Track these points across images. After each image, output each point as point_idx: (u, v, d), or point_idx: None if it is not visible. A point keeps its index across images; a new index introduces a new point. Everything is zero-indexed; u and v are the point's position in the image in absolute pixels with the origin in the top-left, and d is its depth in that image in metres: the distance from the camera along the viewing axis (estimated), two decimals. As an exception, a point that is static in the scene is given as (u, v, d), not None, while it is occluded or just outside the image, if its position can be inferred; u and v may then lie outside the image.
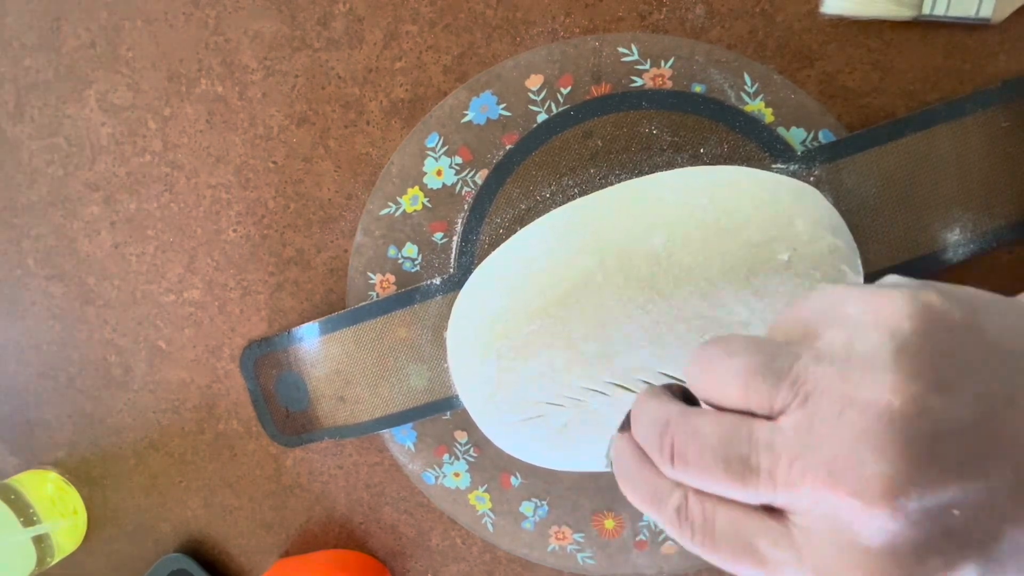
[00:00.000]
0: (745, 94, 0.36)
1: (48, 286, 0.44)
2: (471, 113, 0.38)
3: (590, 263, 0.34)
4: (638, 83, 0.37)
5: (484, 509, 0.42)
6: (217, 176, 0.42)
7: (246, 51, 0.40)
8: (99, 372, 0.45)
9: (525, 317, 0.35)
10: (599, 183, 0.38)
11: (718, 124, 0.37)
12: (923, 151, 0.35)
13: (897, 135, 0.35)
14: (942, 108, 0.35)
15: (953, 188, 0.35)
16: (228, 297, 0.43)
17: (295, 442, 0.43)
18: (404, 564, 0.45)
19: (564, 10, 0.38)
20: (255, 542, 0.46)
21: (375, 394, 0.40)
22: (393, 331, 0.40)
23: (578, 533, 0.41)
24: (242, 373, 0.43)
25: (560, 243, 0.35)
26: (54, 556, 0.45)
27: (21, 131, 0.43)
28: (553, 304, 0.34)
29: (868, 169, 0.36)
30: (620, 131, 0.37)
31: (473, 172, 0.38)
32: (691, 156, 0.37)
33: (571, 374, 0.35)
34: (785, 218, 0.33)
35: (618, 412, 0.36)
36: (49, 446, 0.46)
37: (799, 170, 0.36)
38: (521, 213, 0.38)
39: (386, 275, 0.40)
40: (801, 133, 0.36)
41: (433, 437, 0.41)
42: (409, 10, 0.39)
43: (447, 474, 0.42)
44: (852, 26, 0.36)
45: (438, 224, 0.39)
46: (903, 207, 0.36)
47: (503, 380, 0.36)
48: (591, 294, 0.34)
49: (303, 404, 0.42)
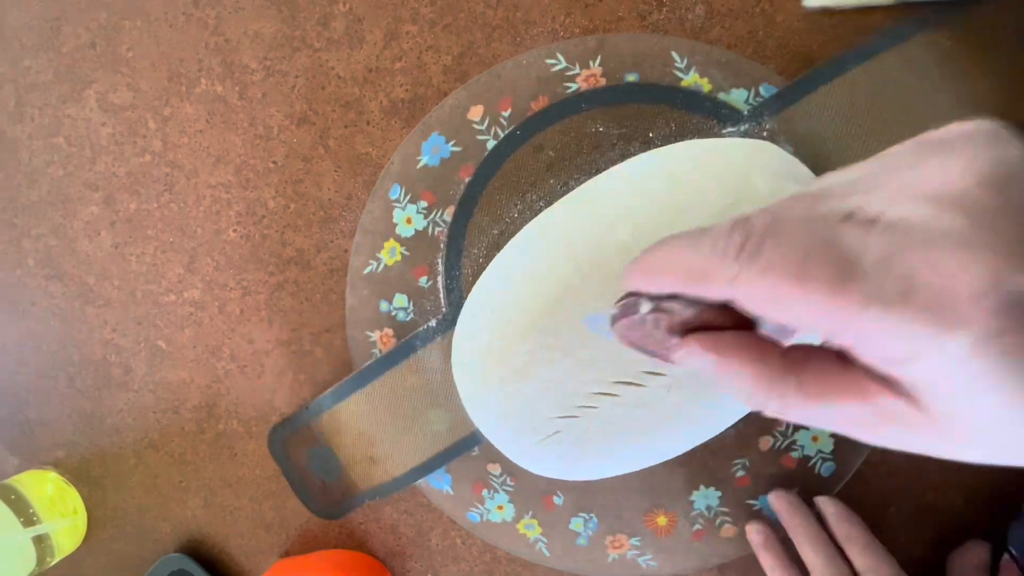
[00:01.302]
0: (677, 71, 0.37)
1: (48, 286, 0.44)
2: (424, 157, 0.38)
3: (565, 270, 0.35)
4: (573, 88, 0.37)
5: (535, 536, 0.41)
6: (217, 176, 0.42)
7: (246, 51, 0.40)
8: (99, 372, 0.45)
9: (517, 339, 0.35)
10: (561, 191, 0.38)
11: (660, 106, 0.37)
12: (872, 81, 0.35)
13: (840, 71, 0.35)
14: (881, 37, 0.35)
15: (911, 113, 0.35)
16: (228, 297, 0.43)
17: (337, 513, 0.43)
18: (404, 564, 0.45)
19: (564, 10, 0.38)
20: (255, 542, 0.46)
21: (402, 447, 0.41)
22: (403, 382, 0.40)
23: (634, 538, 0.41)
24: (273, 458, 0.43)
25: (533, 258, 0.36)
26: (54, 556, 0.45)
27: (21, 131, 0.43)
28: (540, 318, 0.35)
29: (819, 110, 0.35)
30: (568, 137, 0.38)
31: (440, 211, 0.39)
32: (642, 143, 0.37)
33: (576, 383, 0.35)
34: (743, 178, 0.34)
35: (631, 409, 0.36)
36: (49, 446, 0.46)
37: (751, 129, 0.36)
38: (495, 238, 0.39)
39: (384, 330, 0.40)
40: (743, 93, 0.36)
41: (468, 476, 0.41)
42: (409, 10, 0.39)
43: (491, 509, 0.41)
44: (852, 26, 0.36)
45: (420, 269, 0.39)
46: (866, 140, 0.35)
47: (512, 405, 0.36)
48: (573, 299, 0.34)
49: (336, 474, 0.42)
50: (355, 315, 0.40)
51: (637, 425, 0.36)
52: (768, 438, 0.39)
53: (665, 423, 0.36)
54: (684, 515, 0.40)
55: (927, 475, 0.40)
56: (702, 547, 0.40)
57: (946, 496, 0.40)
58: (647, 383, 0.35)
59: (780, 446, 0.39)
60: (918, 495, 0.40)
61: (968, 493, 0.40)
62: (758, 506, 0.40)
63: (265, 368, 0.43)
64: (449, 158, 0.38)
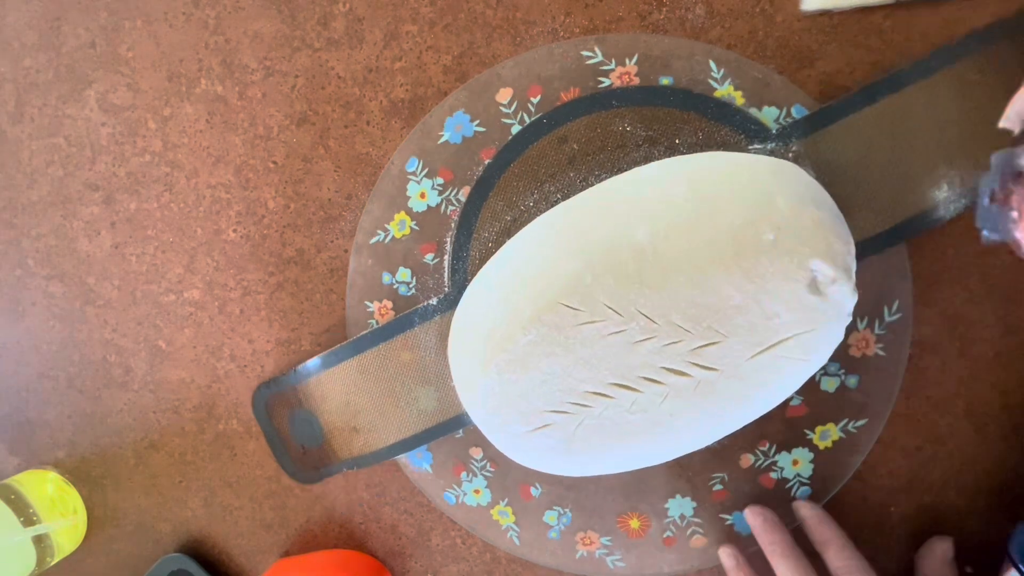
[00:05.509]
0: (713, 80, 0.36)
1: (48, 286, 0.44)
2: (446, 133, 0.38)
3: (577, 265, 0.34)
4: (606, 83, 0.37)
5: (508, 523, 0.42)
6: (217, 176, 0.42)
7: (246, 51, 0.40)
8: (99, 372, 0.45)
9: (520, 328, 0.35)
10: (580, 186, 0.38)
11: (690, 113, 0.37)
12: (898, 113, 0.35)
13: (869, 101, 0.35)
14: (911, 69, 0.35)
15: (934, 146, 0.35)
16: (228, 297, 0.43)
17: (314, 478, 0.43)
18: (404, 564, 0.45)
19: (564, 10, 0.38)
20: (255, 542, 0.46)
21: (387, 421, 0.41)
22: (396, 356, 0.40)
23: (605, 537, 0.41)
24: (255, 415, 0.43)
25: (546, 250, 0.35)
26: (54, 556, 0.45)
27: (21, 131, 0.43)
28: (546, 311, 0.34)
29: (845, 138, 0.36)
30: (594, 132, 0.37)
31: (455, 190, 0.39)
32: (667, 148, 0.37)
33: (572, 379, 0.35)
34: (765, 197, 0.33)
35: (623, 413, 0.36)
36: (49, 446, 0.46)
37: (776, 148, 0.36)
38: (507, 225, 0.39)
39: (383, 302, 0.40)
40: (774, 111, 0.36)
41: (449, 457, 0.41)
42: (409, 10, 0.39)
43: (467, 492, 0.42)
44: (852, 26, 0.36)
45: (428, 245, 0.39)
46: (887, 170, 0.36)
47: (507, 393, 0.36)
48: (582, 296, 0.34)
49: (318, 440, 0.42)
50: (356, 283, 0.40)
51: (627, 429, 0.36)
52: (750, 456, 0.39)
53: (654, 431, 0.36)
54: (657, 520, 0.40)
55: (927, 475, 0.40)
56: (670, 554, 0.41)
57: (946, 496, 0.40)
58: (643, 389, 0.35)
59: (760, 465, 0.39)
60: (918, 495, 0.40)
61: (968, 494, 0.40)
62: (731, 521, 0.40)
63: (265, 368, 0.43)
64: (472, 137, 0.38)
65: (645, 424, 0.36)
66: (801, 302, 0.33)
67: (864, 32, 0.36)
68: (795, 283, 0.33)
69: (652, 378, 0.35)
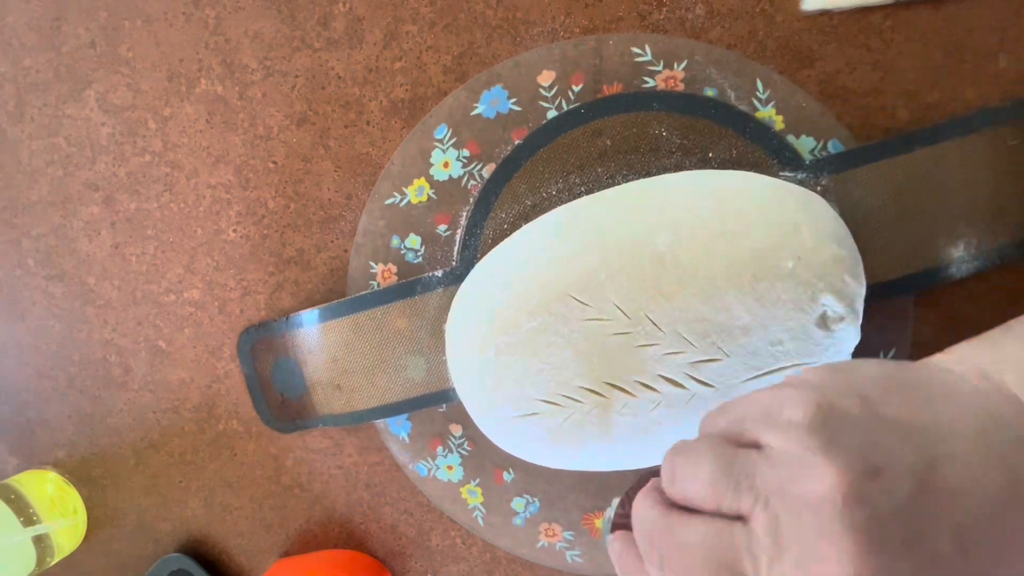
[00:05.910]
0: (757, 100, 0.36)
1: (48, 286, 0.44)
2: (481, 106, 0.38)
3: (593, 261, 0.34)
4: (650, 84, 0.37)
5: (475, 503, 0.42)
6: (217, 176, 0.42)
7: (246, 51, 0.40)
8: (99, 372, 0.45)
9: (526, 313, 0.35)
10: (606, 182, 0.38)
11: (728, 129, 0.37)
12: (931, 166, 0.35)
13: (906, 148, 0.35)
14: (951, 124, 0.35)
15: (959, 204, 0.35)
16: (228, 297, 0.43)
17: (289, 428, 0.43)
18: (404, 564, 0.45)
19: (564, 10, 0.38)
20: (255, 542, 0.46)
21: (371, 384, 0.40)
22: (392, 321, 0.40)
23: (568, 531, 0.41)
24: (239, 356, 0.43)
25: (564, 241, 0.35)
26: (54, 556, 0.45)
27: (21, 131, 0.43)
28: (555, 301, 0.34)
29: (875, 181, 0.35)
30: (630, 131, 0.37)
31: (480, 166, 0.38)
32: (699, 160, 0.37)
33: (569, 373, 0.35)
34: (791, 226, 0.33)
35: (613, 415, 0.36)
36: (49, 446, 0.46)
37: (806, 179, 0.36)
38: (526, 209, 0.38)
39: (388, 265, 0.40)
40: (811, 142, 0.36)
41: (428, 429, 0.41)
42: (409, 10, 0.39)
43: (440, 467, 0.42)
44: (852, 26, 0.36)
45: (442, 216, 0.39)
46: (908, 220, 0.36)
47: (501, 375, 0.36)
48: (593, 292, 0.34)
49: (299, 391, 0.42)
50: (364, 242, 0.40)
51: (612, 430, 0.36)
52: None
53: (639, 436, 0.36)
54: None
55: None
56: None
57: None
58: (637, 393, 0.35)
59: None
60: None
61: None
62: None
63: (265, 368, 0.43)
64: (506, 115, 0.38)
65: (631, 428, 0.36)
66: (807, 334, 0.33)
67: (864, 32, 0.36)
68: (805, 314, 0.33)
69: (648, 384, 0.35)
